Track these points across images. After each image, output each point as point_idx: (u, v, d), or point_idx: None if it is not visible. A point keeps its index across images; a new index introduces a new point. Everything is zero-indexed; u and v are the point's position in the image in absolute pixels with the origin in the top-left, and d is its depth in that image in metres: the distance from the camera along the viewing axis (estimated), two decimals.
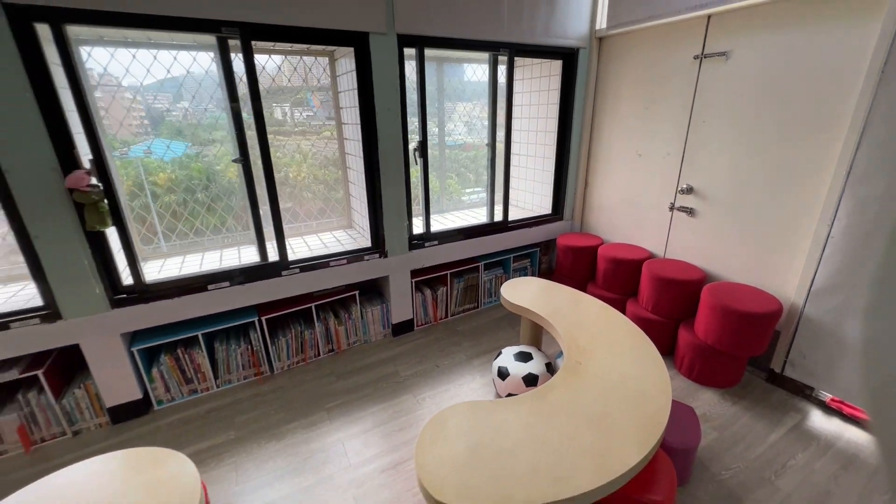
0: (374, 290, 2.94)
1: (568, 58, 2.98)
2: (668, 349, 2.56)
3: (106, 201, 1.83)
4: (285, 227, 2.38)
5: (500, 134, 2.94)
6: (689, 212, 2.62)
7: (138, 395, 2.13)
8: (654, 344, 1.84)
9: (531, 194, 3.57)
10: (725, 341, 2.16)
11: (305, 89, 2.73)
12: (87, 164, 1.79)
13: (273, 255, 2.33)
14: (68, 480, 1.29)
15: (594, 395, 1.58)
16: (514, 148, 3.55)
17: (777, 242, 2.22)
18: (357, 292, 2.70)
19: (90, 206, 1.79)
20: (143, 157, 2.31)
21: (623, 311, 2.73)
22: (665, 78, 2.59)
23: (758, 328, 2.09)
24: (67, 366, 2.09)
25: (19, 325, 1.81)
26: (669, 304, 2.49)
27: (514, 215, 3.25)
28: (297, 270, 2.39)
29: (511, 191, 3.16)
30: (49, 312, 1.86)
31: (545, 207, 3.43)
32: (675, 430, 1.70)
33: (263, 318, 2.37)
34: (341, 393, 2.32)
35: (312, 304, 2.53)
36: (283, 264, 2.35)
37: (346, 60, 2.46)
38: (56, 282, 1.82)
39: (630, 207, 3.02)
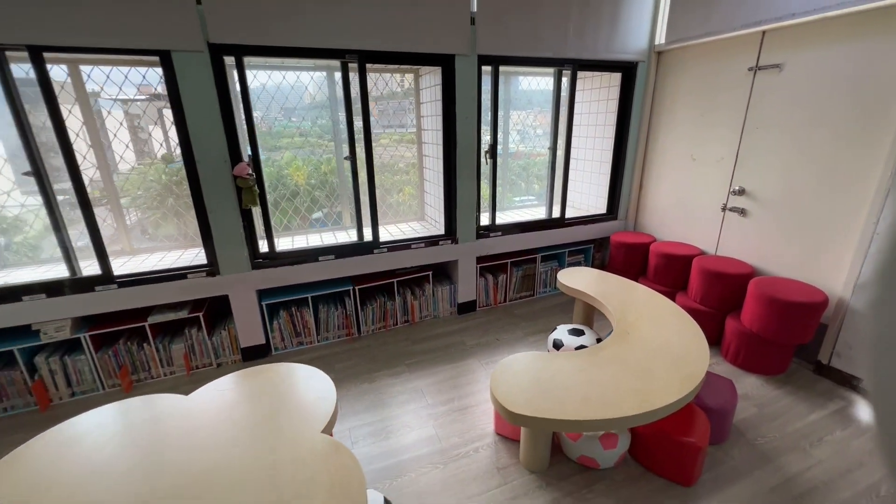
0: (444, 273, 3.38)
1: (627, 70, 3.27)
2: (715, 339, 2.74)
3: (257, 187, 2.42)
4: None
5: (560, 140, 3.28)
6: (741, 212, 2.80)
7: (262, 341, 2.72)
8: (700, 328, 2.09)
9: (587, 195, 3.85)
10: (770, 329, 2.34)
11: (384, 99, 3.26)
12: (246, 158, 2.40)
13: (368, 236, 2.84)
14: (234, 382, 1.82)
15: (639, 355, 1.89)
16: (573, 153, 3.85)
17: (825, 240, 2.37)
18: (430, 273, 3.15)
19: (247, 190, 2.38)
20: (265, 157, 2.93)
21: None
22: (720, 88, 2.81)
23: (801, 317, 2.26)
24: (217, 312, 2.72)
25: (192, 277, 2.44)
26: (717, 296, 2.68)
27: (569, 214, 3.56)
28: (385, 250, 2.89)
29: (567, 192, 3.48)
30: (211, 269, 2.48)
31: (600, 207, 3.71)
32: (713, 394, 1.95)
33: (357, 288, 2.89)
34: (417, 353, 2.77)
35: (394, 280, 3.01)
36: (375, 244, 2.85)
37: (430, 76, 2.95)
38: (219, 245, 2.44)
39: (683, 208, 3.23)
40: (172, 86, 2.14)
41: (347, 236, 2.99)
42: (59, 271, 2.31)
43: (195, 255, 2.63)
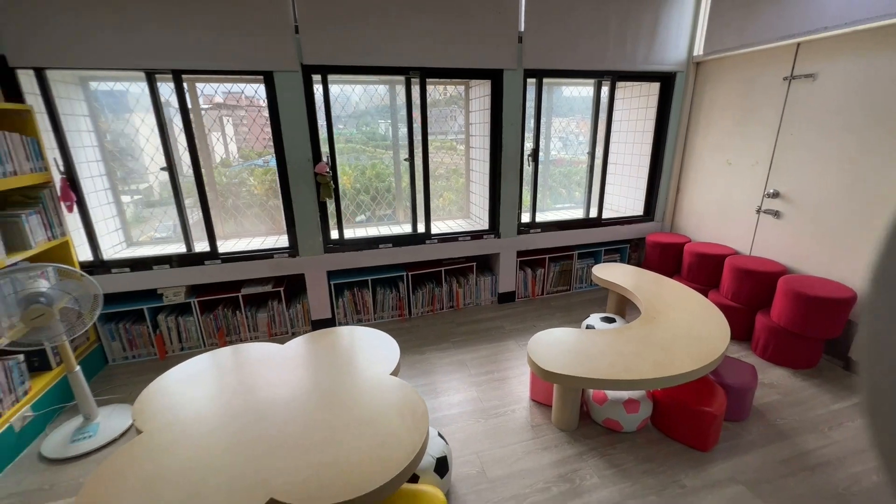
0: (486, 265, 3.71)
1: (665, 80, 3.47)
2: (745, 334, 2.87)
3: (332, 182, 2.88)
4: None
5: (598, 146, 3.53)
6: (775, 214, 2.92)
7: (329, 316, 3.16)
8: (724, 317, 2.28)
9: (624, 198, 4.04)
10: (797, 323, 2.47)
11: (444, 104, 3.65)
12: (325, 158, 2.86)
13: (420, 228, 3.23)
14: (315, 338, 2.23)
15: (663, 334, 2.12)
16: (611, 158, 4.07)
17: (856, 241, 2.47)
18: (474, 264, 3.49)
19: (324, 185, 2.84)
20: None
21: None
22: (756, 96, 2.96)
23: (828, 311, 2.37)
24: (294, 288, 3.21)
25: (277, 257, 2.93)
26: (748, 293, 2.82)
27: (606, 215, 3.78)
28: (436, 241, 3.26)
29: (604, 194, 3.70)
30: (292, 251, 2.96)
31: (636, 209, 3.89)
32: (733, 374, 2.14)
33: (409, 274, 3.28)
34: (461, 334, 3.11)
35: (442, 269, 3.38)
36: (427, 235, 3.24)
37: (479, 88, 3.31)
38: (300, 232, 2.91)
39: (718, 210, 3.37)
40: (272, 99, 2.65)
41: (401, 230, 3.39)
42: (179, 247, 2.87)
43: (276, 241, 3.13)
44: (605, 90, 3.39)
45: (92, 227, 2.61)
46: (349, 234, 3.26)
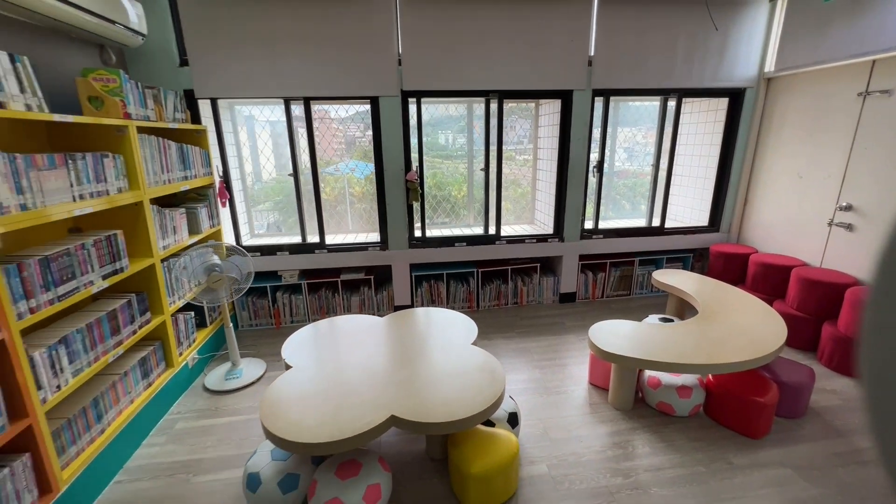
0: (549, 267, 4.01)
1: (734, 96, 3.58)
2: (811, 344, 2.91)
3: (419, 188, 3.38)
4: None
5: (663, 158, 3.71)
6: (848, 227, 2.94)
7: (409, 303, 3.66)
8: (783, 321, 2.41)
9: (689, 209, 4.14)
10: None
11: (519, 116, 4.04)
12: (414, 167, 3.38)
13: (491, 230, 3.64)
14: (405, 315, 2.70)
15: (718, 332, 2.32)
16: (677, 169, 4.20)
17: None
18: (538, 265, 3.82)
19: (413, 190, 3.36)
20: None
21: None
22: (829, 111, 3.01)
23: None
24: (381, 277, 3.76)
25: (371, 250, 3.49)
26: (815, 303, 2.87)
27: (669, 225, 3.92)
28: (504, 242, 3.64)
29: (668, 203, 3.86)
30: (383, 245, 3.50)
31: (700, 220, 3.98)
32: (789, 373, 2.27)
33: (479, 271, 3.69)
34: (524, 326, 3.45)
35: (509, 268, 3.75)
36: (497, 237, 3.63)
37: (548, 105, 3.67)
38: (390, 229, 3.45)
39: (787, 222, 3.40)
40: (376, 118, 3.22)
41: (471, 231, 3.82)
42: (296, 238, 3.54)
43: (367, 237, 3.69)
44: (671, 104, 3.59)
45: (237, 219, 3.34)
46: (429, 233, 3.75)
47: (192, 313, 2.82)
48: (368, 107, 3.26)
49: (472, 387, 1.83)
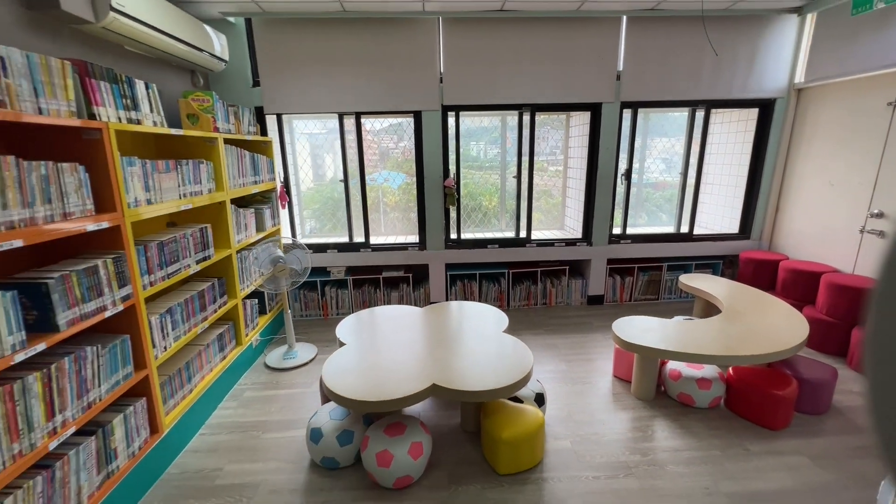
0: (577, 270, 4.19)
1: (764, 106, 3.67)
2: (840, 348, 2.94)
3: (456, 194, 3.68)
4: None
5: (692, 167, 3.83)
6: (880, 234, 2.97)
7: (444, 300, 3.94)
8: (806, 321, 2.51)
9: (720, 217, 4.21)
10: None
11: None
12: (451, 174, 3.69)
13: (522, 234, 3.87)
14: (441, 306, 2.97)
15: (739, 329, 2.45)
16: (707, 178, 4.28)
17: None
18: (567, 268, 4.00)
19: (450, 196, 3.66)
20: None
21: None
22: (860, 120, 3.07)
23: None
24: (419, 276, 4.07)
25: (410, 249, 3.80)
26: (845, 309, 2.90)
27: (698, 232, 4.01)
28: (535, 245, 3.87)
29: (696, 211, 3.95)
30: (422, 246, 3.81)
31: (730, 227, 4.04)
32: (811, 370, 2.36)
33: (510, 272, 3.93)
34: (553, 325, 3.64)
35: (538, 270, 3.96)
36: (528, 240, 3.87)
37: (578, 117, 3.89)
38: (428, 230, 3.76)
39: (819, 230, 3.43)
40: (418, 131, 3.56)
41: (502, 235, 4.06)
42: (343, 237, 3.91)
43: (406, 238, 4.01)
44: (699, 115, 3.72)
45: (294, 220, 3.76)
46: (464, 235, 4.03)
47: (256, 300, 3.22)
48: (401, 119, 3.62)
49: (503, 364, 2.07)
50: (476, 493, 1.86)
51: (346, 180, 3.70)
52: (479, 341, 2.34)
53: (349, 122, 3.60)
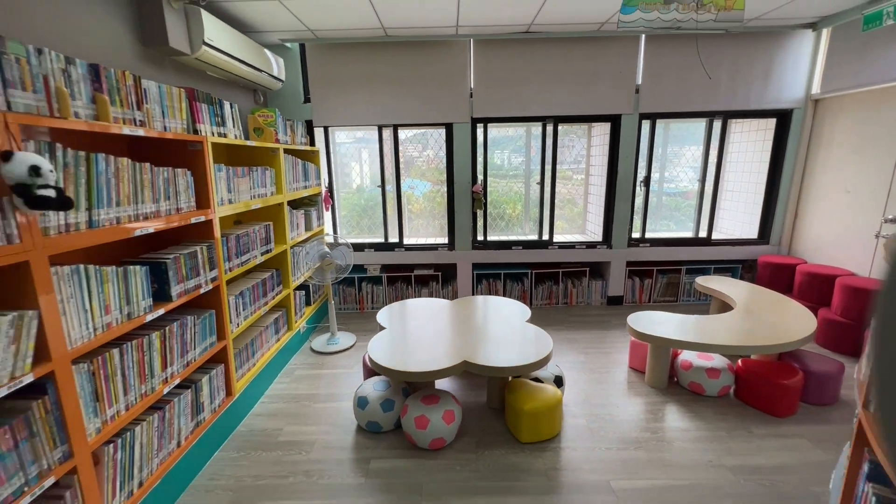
0: (598, 271, 4.40)
1: (782, 117, 3.82)
2: (855, 349, 3.04)
3: (483, 199, 3.99)
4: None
5: (710, 175, 4.00)
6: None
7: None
8: (815, 318, 2.66)
9: (739, 222, 4.34)
10: None
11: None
12: (479, 181, 4.00)
13: (545, 236, 4.13)
14: (467, 299, 3.26)
15: (749, 324, 2.64)
16: (726, 185, 4.42)
17: None
18: (588, 269, 4.22)
19: (477, 200, 3.97)
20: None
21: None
22: (874, 129, 3.19)
23: None
24: (447, 274, 4.38)
25: (440, 249, 4.13)
26: (859, 310, 3.02)
27: (718, 237, 4.15)
28: (557, 247, 4.12)
29: (714, 216, 4.11)
30: (450, 246, 4.13)
31: (749, 233, 4.17)
32: (818, 364, 2.52)
33: (533, 272, 4.18)
34: (573, 322, 3.86)
35: (560, 271, 4.20)
36: (550, 242, 4.12)
37: (599, 127, 4.13)
38: (457, 232, 4.08)
39: (836, 235, 3.53)
40: (449, 141, 3.90)
41: (525, 237, 4.33)
42: (379, 237, 4.28)
43: (435, 239, 4.34)
44: (717, 124, 3.91)
45: (336, 221, 4.16)
46: (490, 237, 4.33)
47: (303, 292, 3.61)
48: (425, 130, 3.97)
49: (526, 347, 2.35)
50: (500, 456, 2.13)
51: (382, 185, 4.08)
52: (503, 328, 2.62)
53: (384, 133, 3.98)
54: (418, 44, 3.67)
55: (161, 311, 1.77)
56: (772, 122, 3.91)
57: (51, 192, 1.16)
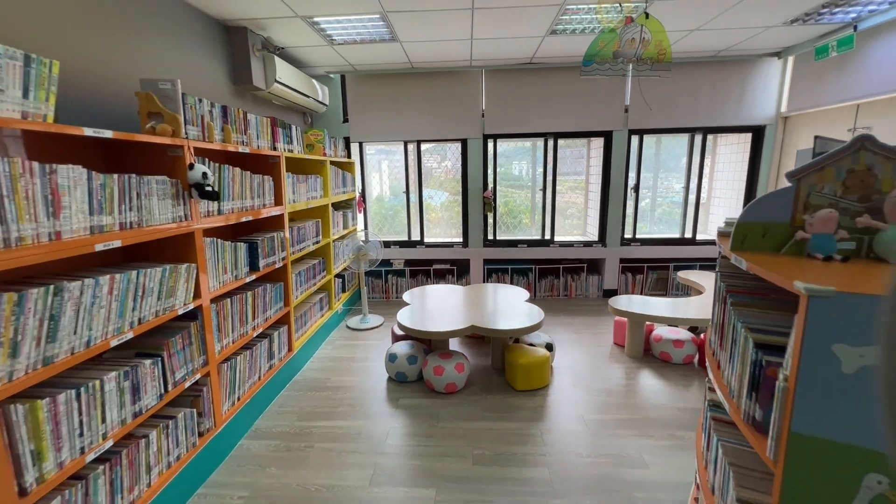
0: (594, 267, 4.96)
1: (756, 131, 4.35)
2: None
3: (493, 203, 4.63)
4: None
5: (692, 183, 4.54)
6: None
7: None
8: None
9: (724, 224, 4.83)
10: None
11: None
12: (489, 187, 4.66)
13: (547, 235, 4.74)
14: (478, 285, 3.89)
15: (712, 303, 3.17)
16: (714, 192, 4.94)
17: None
18: (585, 265, 4.80)
19: (487, 204, 4.62)
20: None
21: None
22: (832, 142, 3.70)
23: None
24: (461, 269, 5.03)
25: (455, 247, 4.78)
26: None
27: (701, 238, 4.67)
28: (557, 245, 4.71)
29: (698, 219, 4.63)
30: (464, 244, 4.78)
31: None
32: None
33: (536, 268, 4.79)
34: (571, 310, 4.44)
35: (560, 266, 4.79)
36: (552, 241, 4.72)
37: (595, 142, 4.74)
38: (470, 232, 4.73)
39: None
40: (464, 153, 4.58)
41: (530, 236, 4.94)
42: (402, 236, 4.97)
43: (451, 238, 4.99)
44: (698, 139, 4.46)
45: (368, 222, 4.88)
46: (498, 236, 4.96)
47: (340, 280, 4.31)
48: (443, 142, 4.65)
49: (523, 317, 2.96)
50: (499, 399, 2.74)
51: (407, 192, 4.78)
52: (505, 304, 3.24)
53: (409, 146, 4.70)
54: (438, 73, 4.39)
55: (253, 277, 2.48)
56: (748, 136, 4.44)
57: (214, 188, 1.87)
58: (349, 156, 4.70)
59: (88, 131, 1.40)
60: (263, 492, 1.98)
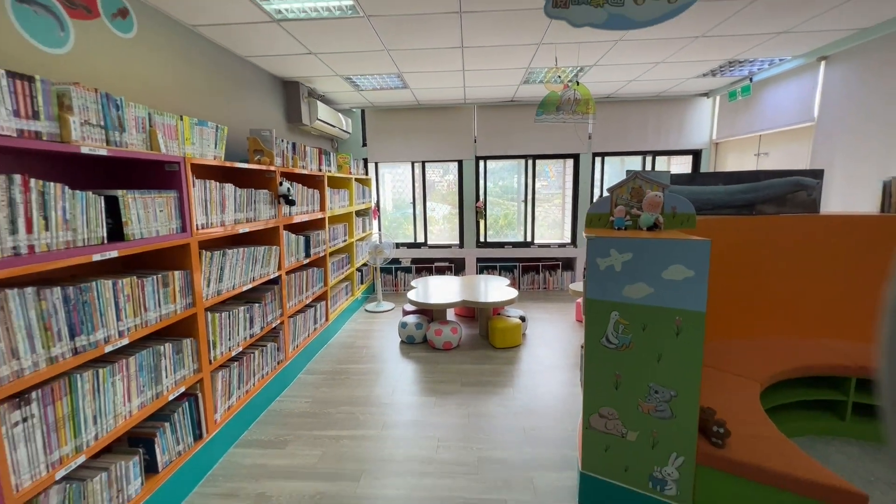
0: (568, 264, 5.96)
1: (695, 154, 5.40)
2: None
3: (483, 211, 5.67)
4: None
5: None
6: None
7: None
8: None
9: None
10: None
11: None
12: (482, 199, 5.70)
13: (528, 238, 5.77)
14: (472, 277, 4.89)
15: None
16: None
17: None
18: (560, 263, 5.81)
19: (479, 213, 5.66)
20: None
21: None
22: (748, 164, 4.73)
23: None
24: (458, 266, 6.03)
25: (453, 248, 5.80)
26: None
27: None
28: (537, 247, 5.73)
29: None
30: (460, 245, 5.81)
31: None
32: None
33: (520, 265, 5.80)
34: (548, 299, 5.42)
35: (540, 264, 5.80)
36: (532, 242, 5.75)
37: (568, 162, 5.79)
38: (465, 235, 5.76)
39: None
40: (460, 172, 5.64)
41: (515, 239, 5.95)
42: (410, 238, 6.00)
43: (449, 241, 6.01)
44: (649, 159, 5.51)
45: (381, 227, 5.92)
46: (489, 239, 5.98)
47: (360, 273, 5.33)
48: (443, 162, 5.72)
49: (501, 294, 3.96)
50: (483, 353, 3.72)
51: (414, 204, 5.83)
52: (490, 288, 4.24)
53: (415, 166, 5.76)
54: (440, 108, 5.48)
55: (306, 261, 3.50)
56: (688, 158, 5.49)
57: (294, 198, 2.91)
58: (367, 173, 5.77)
59: (241, 164, 2.44)
60: (320, 398, 2.96)
